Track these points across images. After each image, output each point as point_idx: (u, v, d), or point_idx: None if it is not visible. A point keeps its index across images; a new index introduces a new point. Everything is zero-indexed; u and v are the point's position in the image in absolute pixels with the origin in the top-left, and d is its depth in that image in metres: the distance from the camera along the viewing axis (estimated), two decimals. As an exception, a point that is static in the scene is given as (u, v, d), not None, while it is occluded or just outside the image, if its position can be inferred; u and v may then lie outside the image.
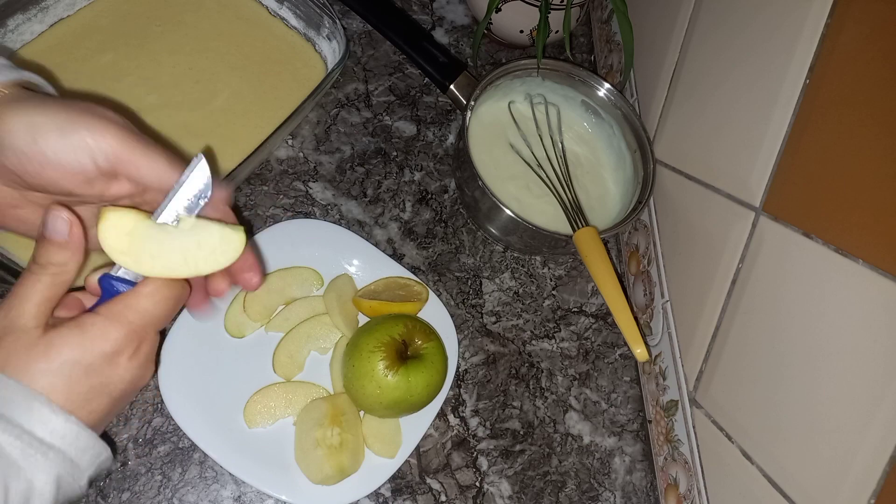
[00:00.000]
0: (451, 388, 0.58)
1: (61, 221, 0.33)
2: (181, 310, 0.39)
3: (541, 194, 0.63)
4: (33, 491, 0.30)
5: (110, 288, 0.35)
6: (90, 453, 0.33)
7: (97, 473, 0.35)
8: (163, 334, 0.54)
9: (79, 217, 0.34)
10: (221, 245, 0.35)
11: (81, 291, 0.37)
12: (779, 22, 0.47)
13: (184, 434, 0.51)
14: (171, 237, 0.34)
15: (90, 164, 0.31)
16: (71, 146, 0.31)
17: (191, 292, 0.38)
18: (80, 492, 0.34)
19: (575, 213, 0.60)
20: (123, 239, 0.32)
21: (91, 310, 0.34)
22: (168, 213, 0.34)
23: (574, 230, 0.58)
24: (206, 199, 0.35)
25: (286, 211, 0.61)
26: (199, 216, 0.35)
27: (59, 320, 0.34)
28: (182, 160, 0.35)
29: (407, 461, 0.55)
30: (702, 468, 0.53)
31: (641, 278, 0.65)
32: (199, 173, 0.34)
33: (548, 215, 0.62)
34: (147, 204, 0.37)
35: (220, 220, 0.36)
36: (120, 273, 0.35)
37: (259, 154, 0.54)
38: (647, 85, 0.67)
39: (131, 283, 0.35)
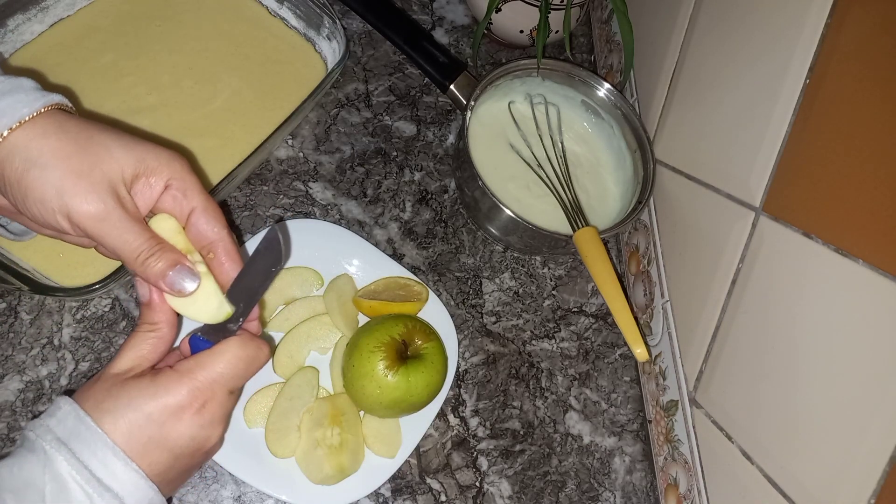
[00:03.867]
0: (451, 388, 0.58)
1: (144, 288, 0.37)
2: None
3: (541, 194, 0.63)
4: None
5: (196, 346, 0.38)
6: None
7: None
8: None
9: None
10: (205, 306, 0.38)
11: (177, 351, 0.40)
12: (779, 22, 0.47)
13: (184, 434, 0.51)
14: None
15: (68, 228, 0.34)
16: (48, 211, 0.33)
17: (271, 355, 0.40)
18: None
19: (575, 213, 0.60)
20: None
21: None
22: (241, 291, 0.38)
23: (574, 230, 0.58)
24: (276, 269, 0.38)
25: (286, 211, 0.61)
26: (207, 275, 0.38)
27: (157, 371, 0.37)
28: (143, 228, 0.36)
29: (407, 461, 0.55)
30: (702, 468, 0.53)
31: (641, 278, 0.65)
32: (271, 247, 0.38)
33: (548, 215, 0.62)
34: None
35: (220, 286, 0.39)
36: (201, 332, 0.38)
37: (259, 154, 0.54)
38: (647, 85, 0.67)
39: (209, 343, 0.38)
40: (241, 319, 0.39)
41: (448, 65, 0.66)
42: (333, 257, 0.58)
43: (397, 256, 0.63)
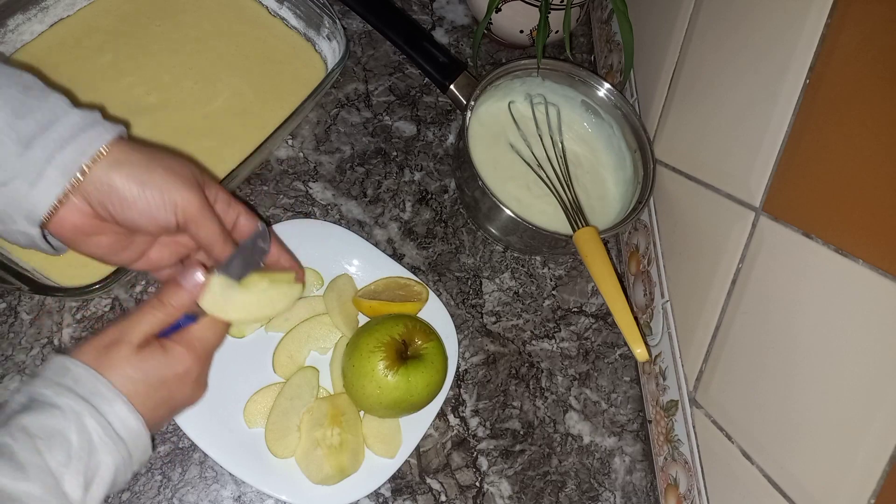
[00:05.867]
0: (451, 388, 0.58)
1: (198, 277, 0.41)
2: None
3: (541, 194, 0.63)
4: (98, 471, 0.36)
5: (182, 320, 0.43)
6: (141, 451, 0.39)
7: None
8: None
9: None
10: (283, 296, 0.45)
11: None
12: (779, 22, 0.47)
13: (184, 434, 0.51)
14: (248, 293, 0.43)
15: (173, 219, 0.39)
16: (164, 203, 0.39)
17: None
18: (124, 485, 0.40)
19: (575, 213, 0.60)
20: (216, 299, 0.42)
21: (164, 335, 0.41)
22: (234, 269, 0.43)
23: (574, 230, 0.58)
24: (263, 259, 0.45)
25: (286, 211, 0.61)
26: (263, 272, 0.45)
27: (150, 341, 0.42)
28: (224, 232, 0.42)
29: (407, 461, 0.55)
30: (702, 468, 0.53)
31: (641, 278, 0.65)
32: (262, 240, 0.45)
33: (548, 215, 0.62)
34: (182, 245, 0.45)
35: (279, 272, 0.46)
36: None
37: (259, 154, 0.54)
38: (647, 85, 0.67)
39: (193, 319, 0.42)
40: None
41: (448, 65, 0.66)
42: (333, 257, 0.58)
43: (397, 256, 0.63)
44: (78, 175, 0.36)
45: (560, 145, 0.66)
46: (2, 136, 0.35)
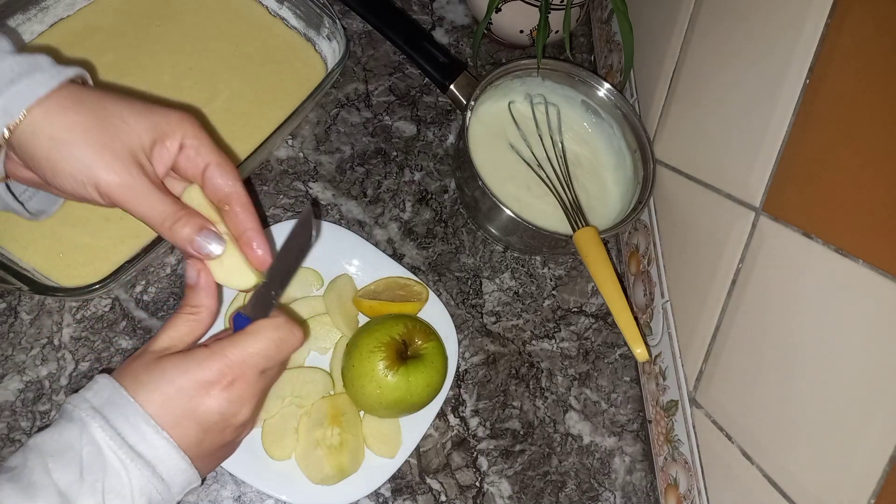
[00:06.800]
0: (451, 388, 0.58)
1: (192, 270, 0.38)
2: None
3: (541, 194, 0.63)
4: (121, 491, 0.32)
5: (237, 323, 0.39)
6: (182, 477, 0.35)
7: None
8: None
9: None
10: (243, 277, 0.40)
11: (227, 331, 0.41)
12: (779, 22, 0.47)
13: (184, 434, 0.51)
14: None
15: (96, 198, 0.35)
16: (82, 182, 0.34)
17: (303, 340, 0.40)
18: None
19: (575, 213, 0.60)
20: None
21: None
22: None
23: (574, 230, 0.58)
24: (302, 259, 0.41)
25: (286, 211, 0.61)
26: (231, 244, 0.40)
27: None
28: (175, 202, 0.37)
29: (407, 461, 0.55)
30: (702, 468, 0.53)
31: (641, 278, 0.65)
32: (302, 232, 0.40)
33: (548, 215, 0.62)
34: None
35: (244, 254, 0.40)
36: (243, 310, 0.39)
37: (259, 154, 0.54)
38: (647, 85, 0.67)
39: (250, 321, 0.38)
40: (278, 297, 0.40)
41: (448, 65, 0.66)
42: (333, 257, 0.58)
43: (397, 256, 0.63)
44: (2, 138, 0.32)
45: (560, 145, 0.66)
46: None
